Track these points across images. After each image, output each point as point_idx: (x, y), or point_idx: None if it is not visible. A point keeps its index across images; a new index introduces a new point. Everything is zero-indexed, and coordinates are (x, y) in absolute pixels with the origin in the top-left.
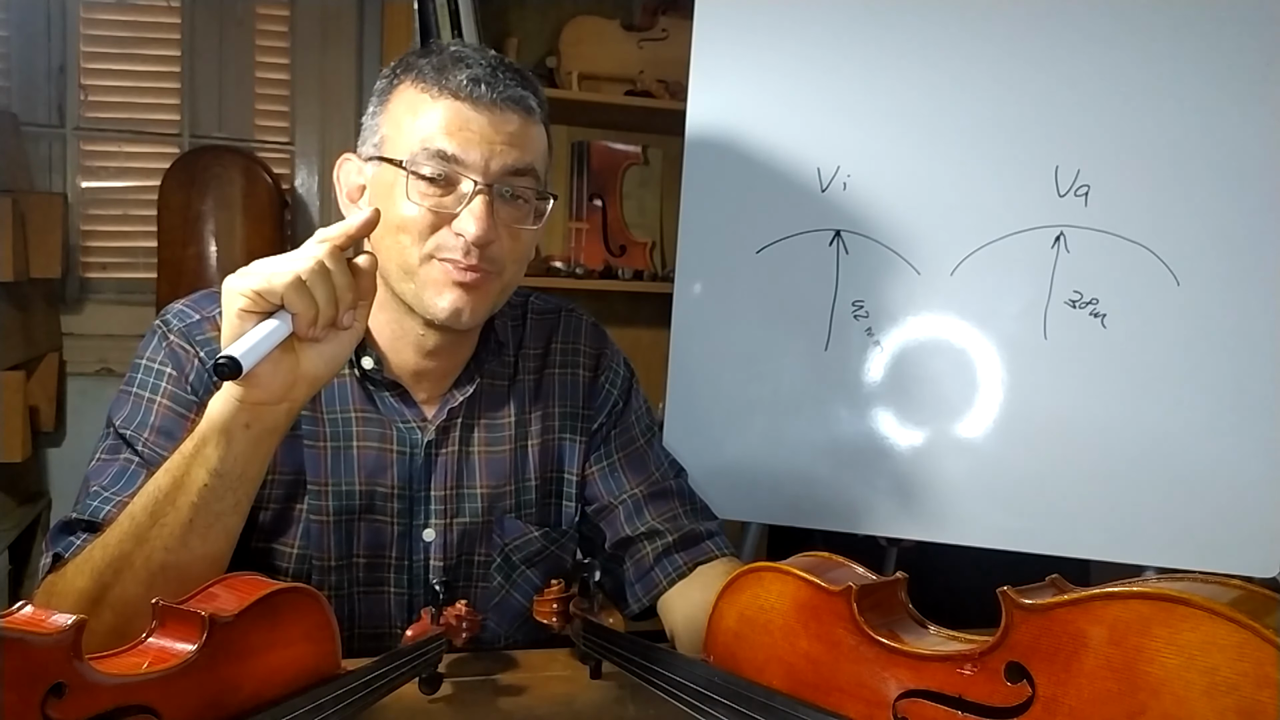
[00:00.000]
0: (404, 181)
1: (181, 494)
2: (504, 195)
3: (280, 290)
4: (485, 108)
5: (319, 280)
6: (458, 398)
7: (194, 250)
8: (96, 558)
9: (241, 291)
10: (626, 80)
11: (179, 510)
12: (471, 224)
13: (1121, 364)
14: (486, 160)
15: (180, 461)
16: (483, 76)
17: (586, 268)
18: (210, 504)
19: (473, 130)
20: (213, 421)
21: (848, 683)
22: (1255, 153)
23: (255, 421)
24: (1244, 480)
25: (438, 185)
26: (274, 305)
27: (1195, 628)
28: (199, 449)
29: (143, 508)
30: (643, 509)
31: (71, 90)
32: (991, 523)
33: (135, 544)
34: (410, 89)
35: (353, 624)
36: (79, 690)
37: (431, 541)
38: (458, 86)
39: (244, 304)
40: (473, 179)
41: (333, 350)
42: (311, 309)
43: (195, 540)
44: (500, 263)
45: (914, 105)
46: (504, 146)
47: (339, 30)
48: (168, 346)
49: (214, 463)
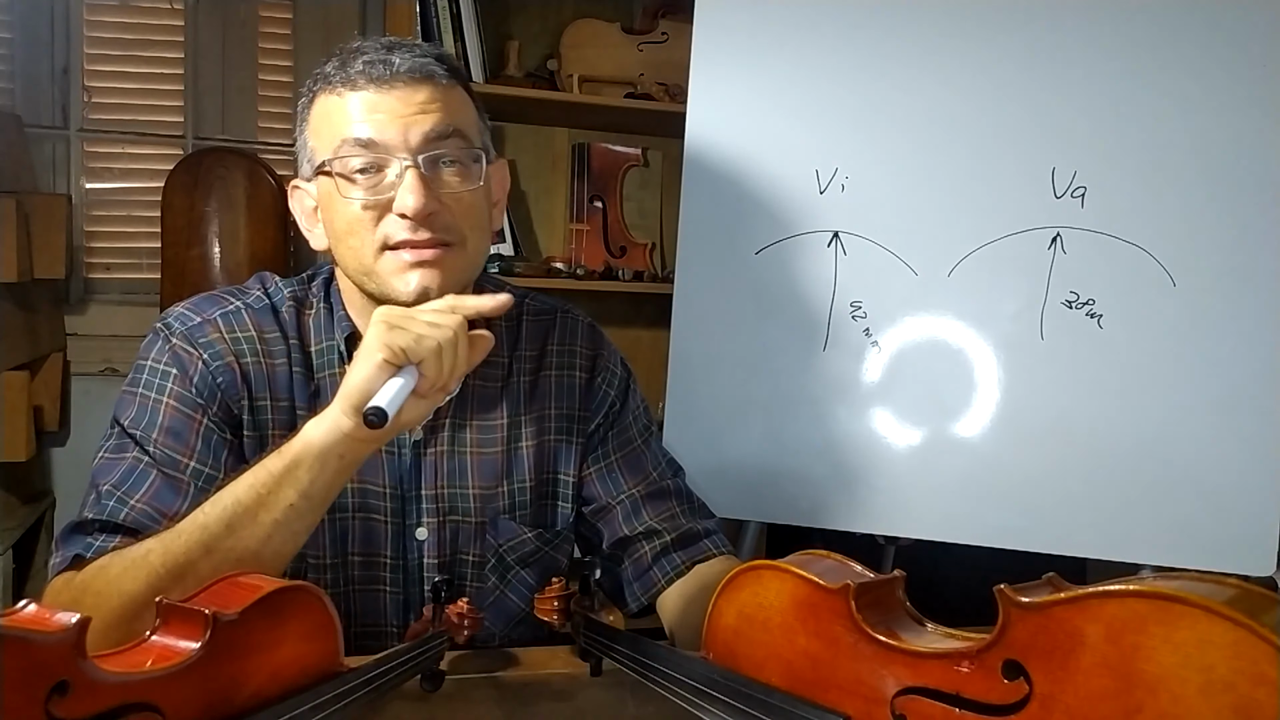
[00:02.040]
0: (338, 183)
1: (264, 511)
2: (436, 164)
3: (424, 354)
4: (388, 85)
5: (451, 349)
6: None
7: (197, 251)
8: (155, 563)
9: (389, 345)
10: (627, 83)
11: (259, 526)
12: (409, 198)
13: (1118, 364)
14: (404, 134)
15: (268, 480)
16: (378, 58)
17: (587, 269)
18: (293, 522)
19: (383, 111)
20: (311, 446)
21: (846, 680)
22: (1251, 154)
23: (349, 454)
24: (1240, 479)
25: (368, 176)
26: (410, 363)
27: (1192, 626)
28: (291, 470)
29: (217, 519)
30: (641, 509)
31: (75, 92)
32: (988, 521)
33: (204, 553)
34: (321, 97)
35: (349, 622)
36: (82, 688)
37: (425, 540)
38: (357, 75)
39: (386, 356)
40: (398, 158)
41: (429, 405)
42: (440, 375)
43: (267, 554)
44: (457, 231)
45: (912, 108)
46: (418, 116)
47: (341, 31)
48: (171, 349)
49: (304, 485)
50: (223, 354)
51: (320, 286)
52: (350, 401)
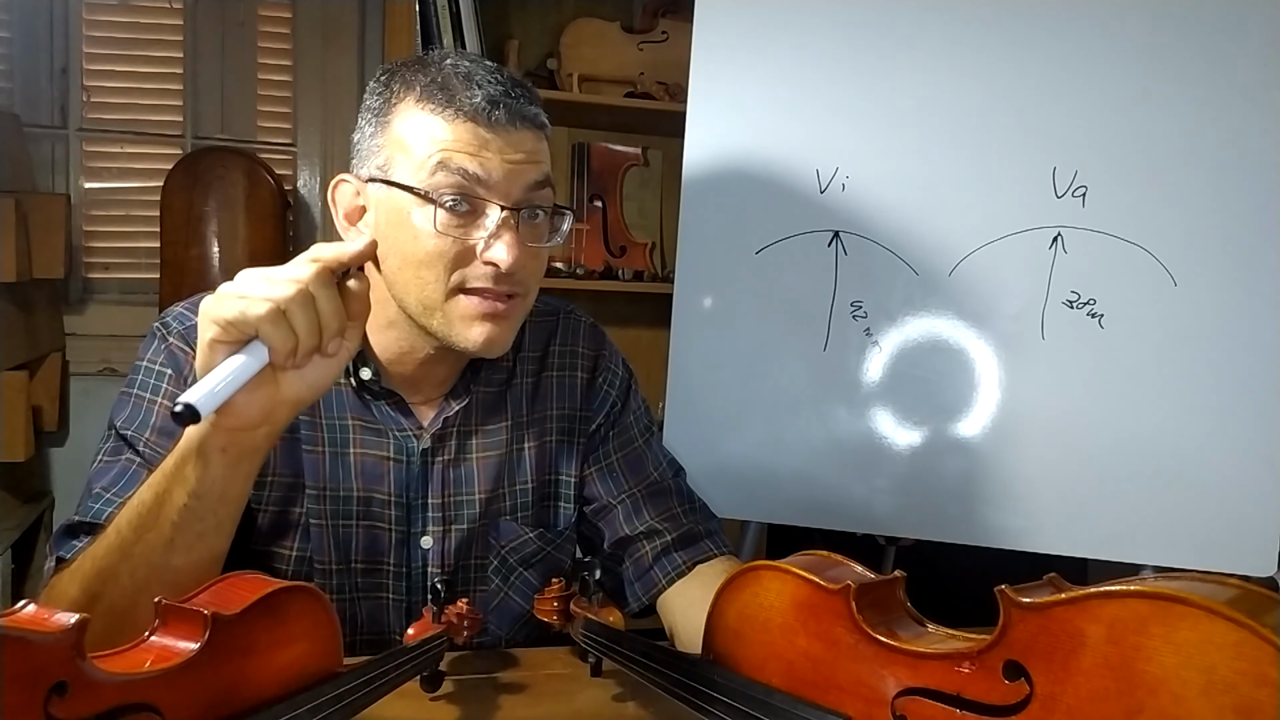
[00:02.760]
0: (425, 211)
1: (163, 512)
2: (525, 216)
3: (254, 322)
4: (503, 128)
5: (301, 309)
6: (454, 407)
7: (196, 251)
8: (86, 568)
9: (214, 319)
10: (627, 82)
11: (160, 528)
12: (503, 251)
13: (1119, 364)
14: (508, 182)
15: (161, 479)
16: (498, 96)
17: (587, 268)
18: (191, 524)
19: (492, 151)
20: (190, 443)
21: (846, 681)
22: (1253, 153)
23: (232, 445)
24: (1241, 479)
25: (459, 214)
26: (248, 336)
27: (1193, 626)
28: (178, 469)
29: (128, 522)
30: (641, 508)
31: (74, 91)
32: (989, 522)
33: (120, 557)
34: (415, 108)
35: (352, 629)
36: (81, 689)
37: (430, 549)
38: (475, 109)
39: (215, 334)
40: (498, 203)
41: (317, 375)
42: (289, 341)
43: (178, 557)
44: (526, 285)
45: (912, 107)
46: (523, 166)
47: (341, 31)
48: (167, 349)
49: (192, 484)
50: None
51: None
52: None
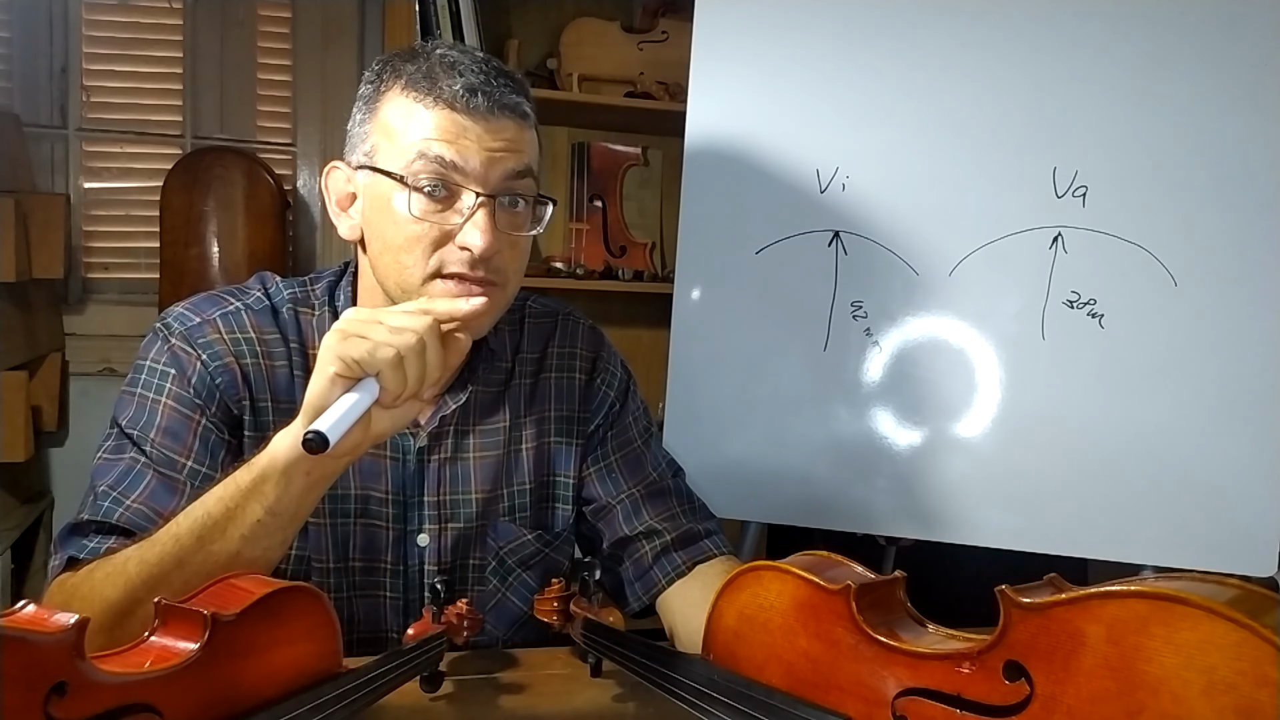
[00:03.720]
0: (404, 196)
1: (233, 526)
2: (504, 204)
3: (380, 367)
4: (481, 116)
5: (417, 358)
6: (450, 405)
7: (196, 251)
8: (132, 572)
9: (341, 356)
10: (627, 82)
11: (228, 540)
12: (477, 236)
13: (1119, 364)
14: (486, 169)
15: (236, 494)
16: (478, 85)
17: (587, 268)
18: (260, 539)
19: (470, 139)
20: (276, 462)
21: (847, 681)
22: (1253, 153)
23: (316, 469)
24: (1242, 479)
25: (437, 199)
26: (367, 375)
27: (1193, 627)
28: (257, 486)
29: (189, 531)
30: (641, 509)
31: (74, 91)
32: (989, 522)
33: (176, 566)
34: (400, 96)
35: (350, 627)
36: (81, 689)
37: (426, 546)
38: (453, 96)
39: (339, 369)
40: (474, 190)
41: (405, 414)
42: (402, 385)
43: (238, 568)
44: (504, 274)
45: (913, 107)
46: (502, 153)
47: (340, 31)
48: (170, 350)
49: (270, 501)
50: (222, 354)
51: (324, 290)
52: (309, 417)
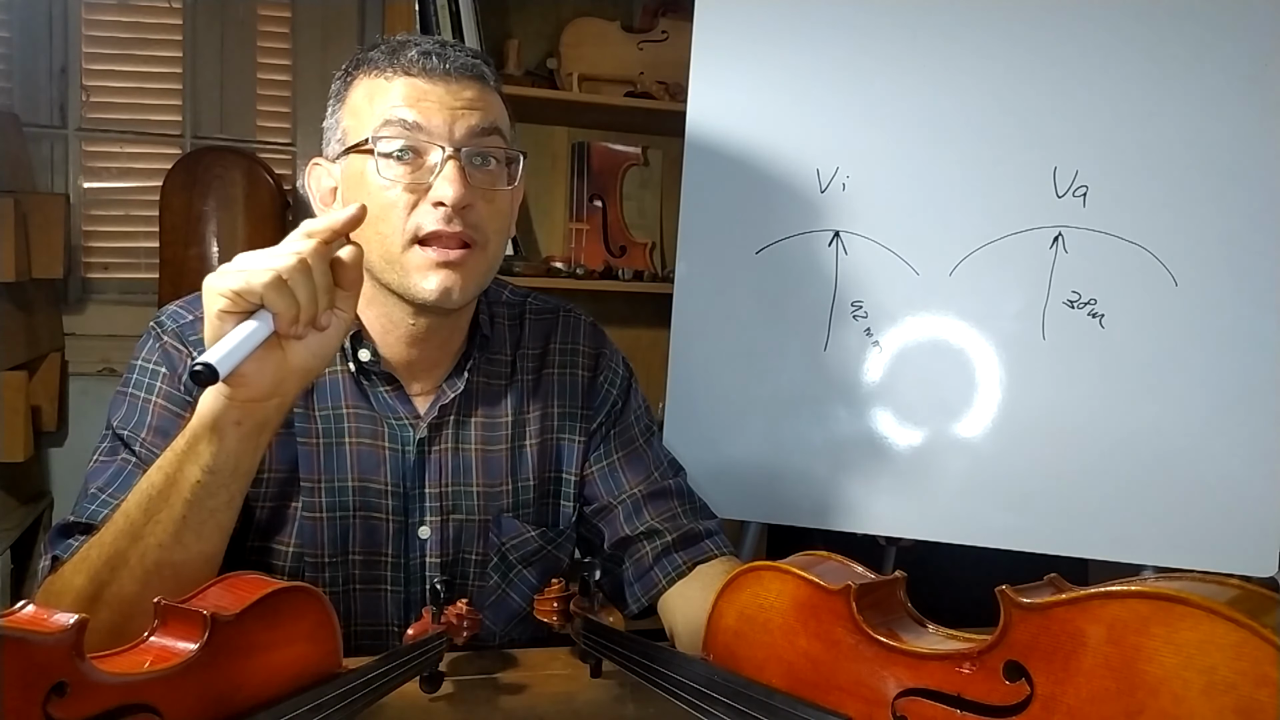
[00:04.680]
0: (373, 163)
1: (175, 491)
2: (474, 161)
3: (259, 290)
4: (440, 78)
5: (300, 278)
6: (448, 394)
7: (196, 251)
8: (93, 556)
9: (220, 292)
10: (627, 82)
11: (173, 507)
12: (447, 188)
13: (1120, 364)
14: (450, 125)
15: (173, 459)
16: (433, 49)
17: (587, 268)
18: (204, 500)
19: (431, 100)
20: (203, 419)
21: (847, 681)
22: (1253, 153)
23: (246, 418)
24: (1242, 480)
25: (406, 162)
26: (254, 305)
27: (1194, 627)
28: (191, 446)
29: (137, 505)
30: (642, 508)
31: (73, 91)
32: (990, 522)
33: (130, 541)
34: (365, 79)
35: (350, 622)
36: (81, 689)
37: (427, 539)
38: (409, 62)
39: (223, 304)
40: (440, 145)
41: (320, 343)
42: (293, 308)
43: (190, 536)
44: (483, 232)
45: (913, 106)
46: (465, 110)
47: (340, 31)
48: (161, 347)
49: (206, 460)
50: None
51: None
52: None
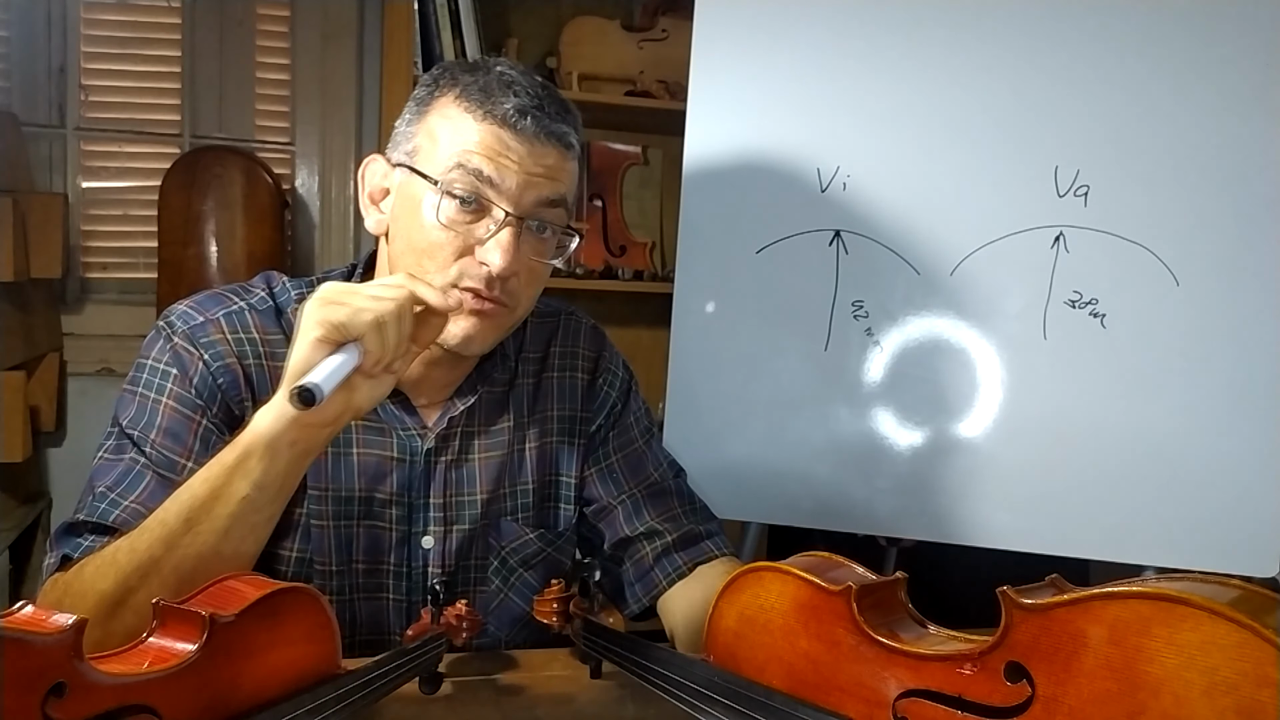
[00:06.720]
0: (435, 200)
1: (219, 504)
2: (531, 228)
3: (362, 330)
4: (526, 139)
5: (394, 325)
6: (459, 407)
7: (194, 250)
8: (122, 561)
9: (323, 321)
10: (627, 80)
11: (215, 519)
12: (497, 255)
13: (1121, 364)
14: (520, 191)
15: (220, 472)
16: (529, 107)
17: (586, 268)
18: (248, 515)
19: (511, 159)
20: (259, 435)
21: (848, 682)
22: (1254, 153)
23: (302, 440)
24: (1243, 480)
25: (467, 211)
26: (349, 339)
27: (1195, 627)
28: (242, 461)
29: (176, 514)
30: (642, 509)
31: (72, 90)
32: (991, 522)
33: (166, 549)
34: (452, 105)
35: (352, 629)
36: (79, 690)
37: (430, 549)
38: (503, 114)
39: (322, 334)
40: (504, 208)
41: (384, 385)
42: (382, 349)
43: (228, 548)
44: (516, 298)
45: (914, 106)
46: (539, 179)
47: (339, 31)
48: (172, 349)
49: (256, 476)
50: (224, 354)
51: None
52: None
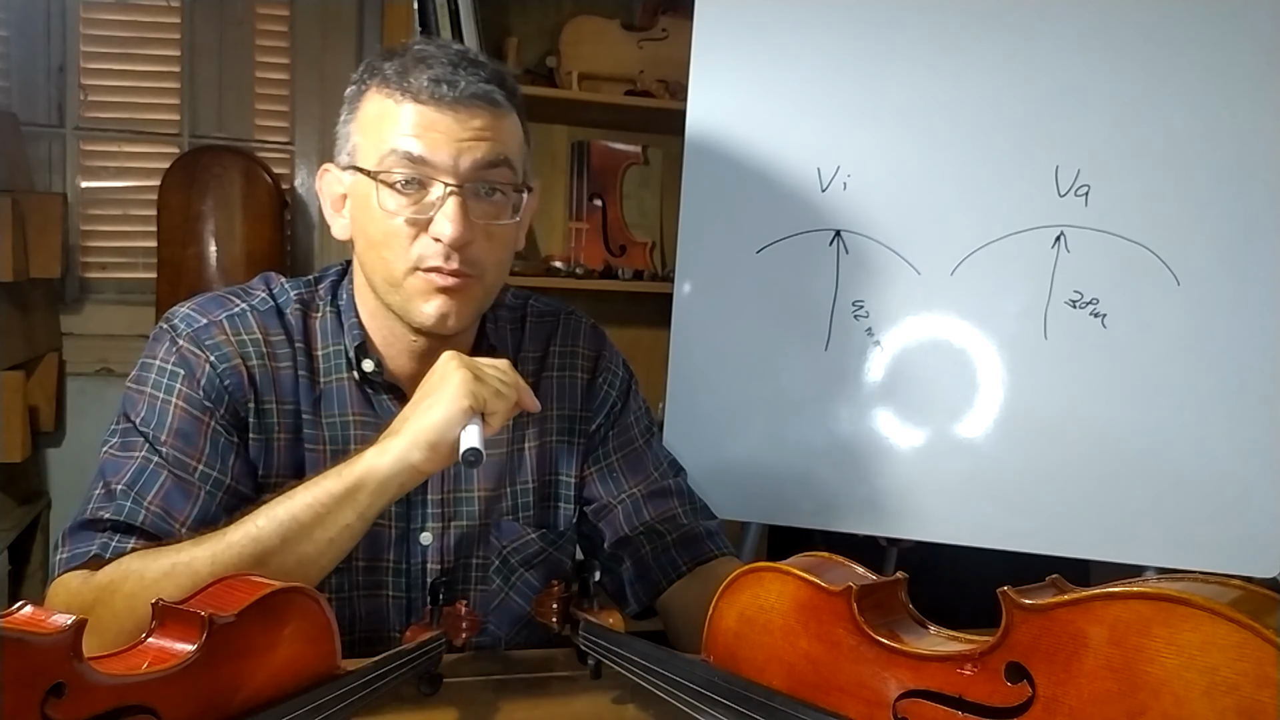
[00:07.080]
0: (378, 191)
1: (320, 529)
2: (478, 193)
3: (499, 410)
4: (449, 106)
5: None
6: None
7: (194, 250)
8: (204, 573)
9: (477, 395)
10: (626, 80)
11: (314, 543)
12: (447, 226)
13: (1122, 364)
14: (455, 159)
15: (327, 500)
16: (444, 76)
17: (586, 268)
18: (344, 542)
19: (438, 131)
20: (375, 473)
21: (848, 683)
22: (1255, 152)
23: (409, 482)
24: (1244, 480)
25: (409, 192)
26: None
27: (1195, 628)
28: (352, 494)
29: (273, 533)
30: (642, 508)
31: (71, 90)
32: (991, 523)
33: (255, 564)
34: (376, 94)
35: (352, 627)
36: (79, 690)
37: (429, 545)
38: (419, 89)
39: (474, 404)
40: (443, 181)
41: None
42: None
43: (315, 570)
44: (481, 265)
45: (914, 105)
46: (472, 143)
47: (339, 30)
48: (178, 351)
49: (363, 508)
50: (229, 356)
51: (328, 290)
52: (426, 438)
